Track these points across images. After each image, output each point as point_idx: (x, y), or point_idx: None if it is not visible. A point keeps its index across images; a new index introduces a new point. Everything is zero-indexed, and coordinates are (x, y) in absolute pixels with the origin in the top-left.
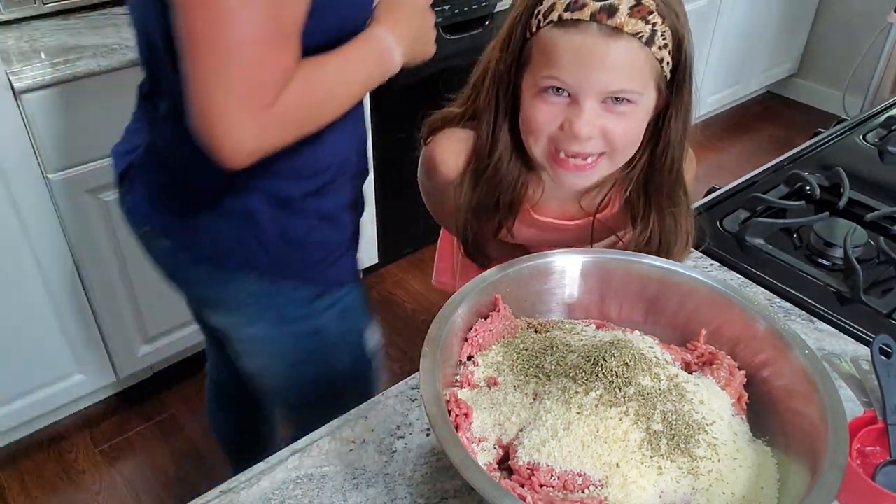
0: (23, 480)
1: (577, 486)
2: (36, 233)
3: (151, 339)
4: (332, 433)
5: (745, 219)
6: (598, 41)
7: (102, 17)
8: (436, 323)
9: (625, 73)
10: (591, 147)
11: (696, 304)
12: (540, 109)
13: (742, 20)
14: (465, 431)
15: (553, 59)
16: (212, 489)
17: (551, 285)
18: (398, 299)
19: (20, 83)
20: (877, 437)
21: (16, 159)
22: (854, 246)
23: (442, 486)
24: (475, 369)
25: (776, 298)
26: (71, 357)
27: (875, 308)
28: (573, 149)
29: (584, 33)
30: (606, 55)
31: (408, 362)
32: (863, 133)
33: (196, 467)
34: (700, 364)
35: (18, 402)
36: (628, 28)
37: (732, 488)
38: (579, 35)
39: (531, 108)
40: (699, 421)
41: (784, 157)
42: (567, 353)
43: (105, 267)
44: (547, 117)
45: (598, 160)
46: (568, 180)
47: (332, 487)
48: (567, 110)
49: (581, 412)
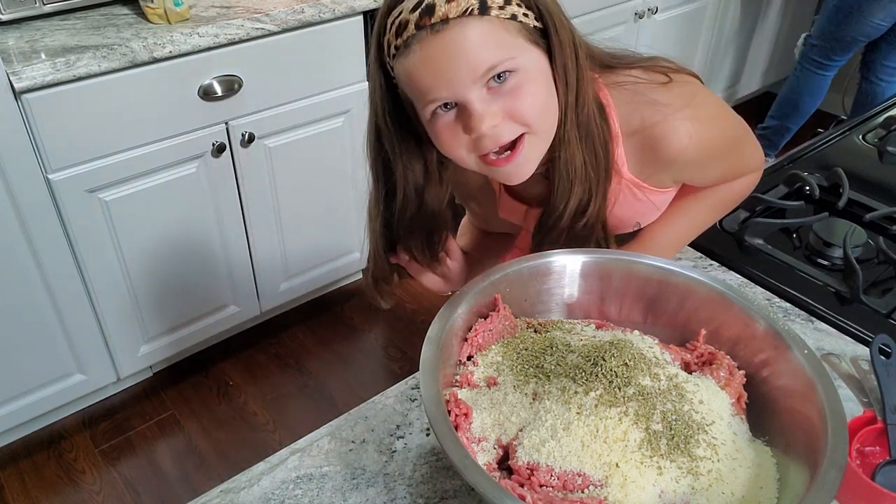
0: (23, 480)
1: (576, 486)
2: (36, 233)
3: (151, 338)
4: (332, 433)
5: (744, 219)
6: (436, 43)
7: (102, 17)
8: (436, 323)
9: (481, 52)
10: (506, 133)
11: (695, 304)
12: (441, 133)
13: (742, 20)
14: (465, 431)
15: (417, 84)
16: (212, 489)
17: (551, 285)
18: (398, 299)
19: (20, 83)
20: (876, 437)
21: (16, 159)
22: (853, 246)
23: (442, 486)
24: (475, 369)
25: (775, 298)
26: (71, 357)
27: (874, 308)
28: (490, 146)
29: (422, 44)
30: (452, 48)
31: (408, 362)
32: (862, 133)
33: (196, 467)
34: (700, 364)
35: (18, 402)
36: (453, 13)
37: (732, 488)
38: (420, 49)
39: (435, 136)
40: (699, 421)
41: (783, 157)
42: (567, 353)
43: (105, 267)
44: (450, 135)
45: (521, 143)
46: (504, 174)
47: (332, 487)
48: (462, 117)
49: (581, 412)
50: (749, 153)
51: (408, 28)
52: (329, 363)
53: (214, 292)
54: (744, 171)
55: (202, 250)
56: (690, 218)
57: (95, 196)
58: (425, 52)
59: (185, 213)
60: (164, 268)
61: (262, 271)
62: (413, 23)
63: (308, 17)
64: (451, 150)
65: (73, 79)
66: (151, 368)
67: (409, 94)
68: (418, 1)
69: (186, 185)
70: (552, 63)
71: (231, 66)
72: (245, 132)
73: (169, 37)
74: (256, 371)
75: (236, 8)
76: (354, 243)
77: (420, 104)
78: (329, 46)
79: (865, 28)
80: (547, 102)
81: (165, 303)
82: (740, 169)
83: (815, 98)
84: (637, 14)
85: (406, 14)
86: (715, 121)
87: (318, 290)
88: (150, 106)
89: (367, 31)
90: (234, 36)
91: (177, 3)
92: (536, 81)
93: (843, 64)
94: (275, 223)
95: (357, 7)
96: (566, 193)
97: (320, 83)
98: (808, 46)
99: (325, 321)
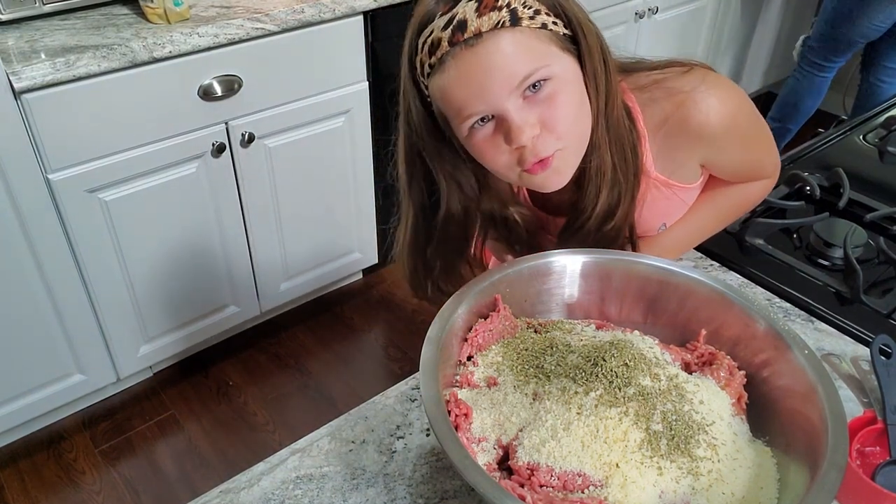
0: (22, 480)
1: (576, 486)
2: (36, 233)
3: (151, 339)
4: (332, 433)
5: (744, 219)
6: (470, 57)
7: (102, 17)
8: (436, 323)
9: (515, 62)
10: (545, 149)
11: (695, 305)
12: (481, 146)
13: (742, 20)
14: (465, 431)
15: (454, 100)
16: (212, 489)
17: (551, 285)
18: (398, 299)
19: (20, 83)
20: (876, 438)
21: (16, 159)
22: (854, 246)
23: (442, 486)
24: (475, 369)
25: (776, 298)
26: (71, 357)
27: (875, 308)
28: (531, 159)
29: (457, 60)
30: (487, 62)
31: (408, 362)
32: (863, 133)
33: (196, 467)
34: (700, 364)
35: (18, 402)
36: (485, 27)
37: (732, 488)
38: (454, 65)
39: (475, 150)
40: (699, 421)
41: (784, 158)
42: (567, 354)
43: (105, 267)
44: (491, 148)
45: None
46: (539, 182)
47: (332, 487)
48: (500, 129)
49: (581, 412)
50: (767, 150)
51: (441, 46)
52: (329, 363)
53: (214, 292)
54: (760, 170)
55: (202, 250)
56: (698, 221)
57: (95, 196)
58: (460, 67)
59: (184, 213)
60: (165, 268)
61: (262, 271)
62: (446, 40)
63: (308, 17)
64: (493, 162)
65: (72, 79)
66: (151, 369)
67: (445, 111)
68: (449, 18)
69: (186, 186)
70: (583, 69)
71: (231, 66)
72: (245, 132)
73: (169, 37)
74: (256, 371)
75: (236, 8)
76: (354, 243)
77: (457, 120)
78: (329, 46)
79: (864, 30)
80: (580, 108)
81: (165, 303)
82: (758, 166)
83: (815, 99)
84: (637, 14)
85: (438, 32)
86: (732, 95)
87: (318, 290)
88: (150, 106)
89: (367, 31)
90: (234, 36)
91: (177, 3)
92: (570, 88)
93: (843, 64)
94: (275, 223)
95: (357, 7)
96: (595, 197)
97: (320, 83)
98: (807, 48)
99: (325, 321)
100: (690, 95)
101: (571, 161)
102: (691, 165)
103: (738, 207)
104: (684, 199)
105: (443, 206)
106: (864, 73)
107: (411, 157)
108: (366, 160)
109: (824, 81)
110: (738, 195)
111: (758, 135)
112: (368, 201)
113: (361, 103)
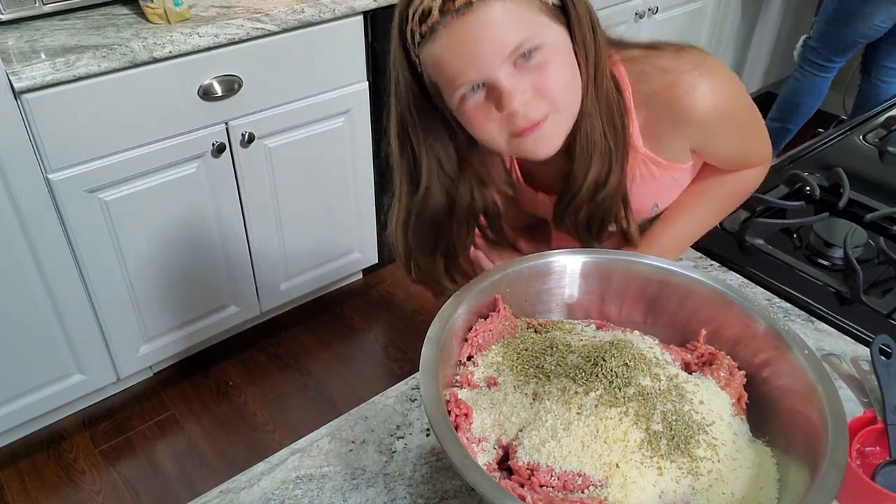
0: (22, 480)
1: (576, 486)
2: (36, 233)
3: (151, 338)
4: (332, 433)
5: (744, 219)
6: (461, 26)
7: (102, 17)
8: (436, 323)
9: (507, 31)
10: (535, 112)
11: (695, 305)
12: (472, 114)
13: (742, 20)
14: (465, 431)
15: (446, 69)
16: (212, 489)
17: (551, 285)
18: (398, 299)
19: (20, 83)
20: (876, 438)
21: (16, 159)
22: (854, 246)
23: (442, 486)
24: (475, 369)
25: (776, 298)
26: (71, 357)
27: (875, 308)
28: (522, 124)
29: (448, 28)
30: (479, 30)
31: (408, 362)
32: (863, 133)
33: (196, 467)
34: (700, 364)
35: (18, 402)
36: None
37: (732, 488)
38: (446, 34)
39: (465, 118)
40: (699, 421)
41: (784, 157)
42: (567, 354)
43: (105, 267)
44: (481, 115)
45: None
46: (531, 147)
47: (332, 487)
48: (491, 97)
49: (581, 412)
50: (759, 138)
51: (431, 14)
52: (329, 363)
53: (214, 292)
54: (753, 157)
55: (202, 250)
56: (695, 216)
57: (95, 196)
58: (451, 35)
59: (185, 213)
60: (164, 268)
61: (262, 271)
62: (437, 9)
63: (308, 17)
64: (482, 130)
65: (72, 79)
66: (151, 368)
67: (437, 81)
68: None
69: (186, 186)
70: (572, 39)
71: (231, 66)
72: (245, 132)
73: (169, 37)
74: (256, 371)
75: (236, 8)
76: (354, 243)
77: (449, 89)
78: (329, 46)
79: (865, 30)
80: (571, 76)
81: (165, 303)
82: (750, 153)
83: (816, 99)
84: (637, 14)
85: (428, 1)
86: (726, 83)
87: (318, 290)
88: (150, 106)
89: (367, 31)
90: (234, 36)
91: (177, 3)
92: (561, 56)
93: (843, 65)
94: (275, 223)
95: (357, 7)
96: (586, 164)
97: (320, 83)
98: (808, 48)
99: (325, 321)
100: (683, 77)
101: (562, 127)
102: (679, 145)
103: (734, 196)
104: (675, 178)
105: (422, 185)
106: (865, 74)
107: (401, 130)
108: (366, 160)
109: (825, 82)
110: (731, 184)
111: (750, 125)
112: (368, 201)
113: (361, 103)
